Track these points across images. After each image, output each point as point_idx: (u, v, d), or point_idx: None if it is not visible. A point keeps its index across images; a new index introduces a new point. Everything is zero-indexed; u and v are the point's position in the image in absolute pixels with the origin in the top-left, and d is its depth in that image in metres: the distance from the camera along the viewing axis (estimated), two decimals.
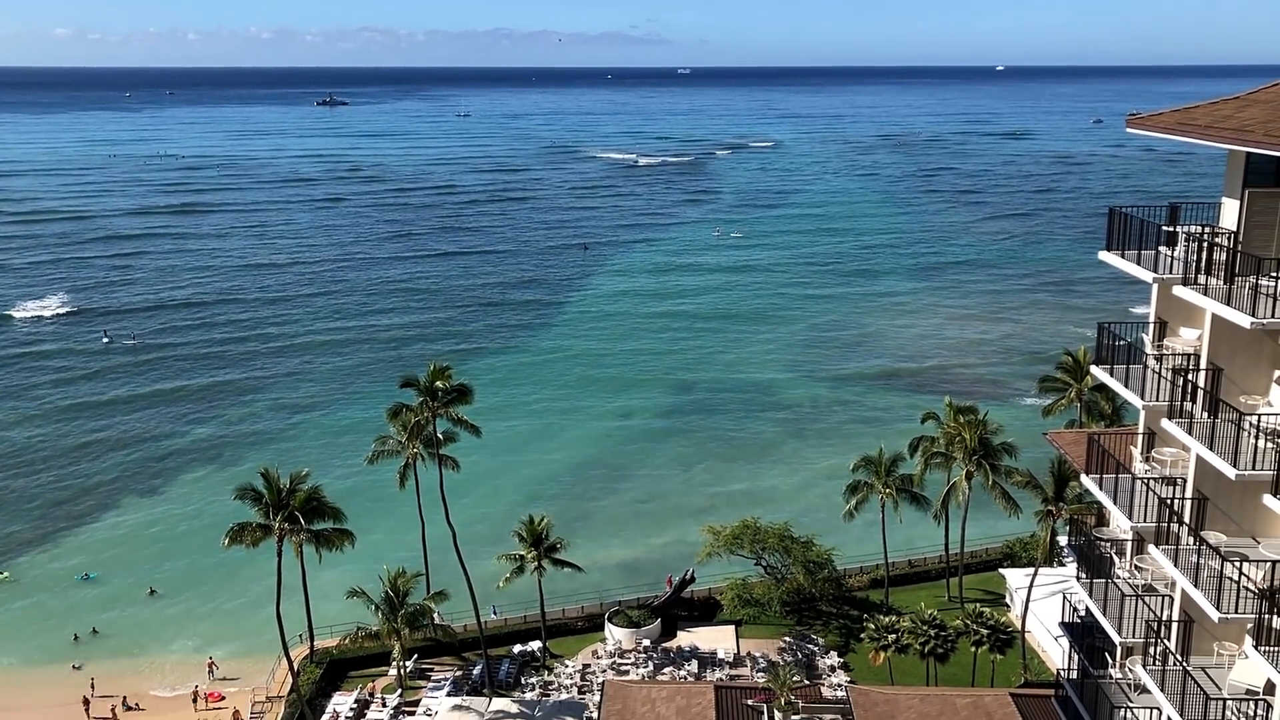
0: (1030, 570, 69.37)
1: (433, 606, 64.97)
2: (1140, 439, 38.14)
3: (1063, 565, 69.17)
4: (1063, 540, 58.29)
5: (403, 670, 67.19)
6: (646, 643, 70.83)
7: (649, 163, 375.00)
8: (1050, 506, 64.52)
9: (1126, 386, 35.67)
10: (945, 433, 71.89)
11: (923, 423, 76.28)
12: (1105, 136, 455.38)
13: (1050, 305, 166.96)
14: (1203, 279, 31.97)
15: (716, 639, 71.56)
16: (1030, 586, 66.87)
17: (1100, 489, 37.22)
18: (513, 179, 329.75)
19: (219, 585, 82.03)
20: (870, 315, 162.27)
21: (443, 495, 69.73)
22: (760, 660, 68.32)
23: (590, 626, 73.86)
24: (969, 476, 69.77)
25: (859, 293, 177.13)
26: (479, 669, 68.53)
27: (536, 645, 71.36)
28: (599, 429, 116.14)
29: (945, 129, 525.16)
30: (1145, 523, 34.88)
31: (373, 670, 69.30)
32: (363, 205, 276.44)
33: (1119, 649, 38.31)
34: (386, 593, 63.29)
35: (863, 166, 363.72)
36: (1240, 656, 32.36)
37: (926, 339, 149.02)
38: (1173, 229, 34.26)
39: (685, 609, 75.17)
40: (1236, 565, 29.88)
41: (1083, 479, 38.86)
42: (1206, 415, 32.18)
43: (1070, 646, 42.21)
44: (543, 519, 68.97)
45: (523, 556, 67.85)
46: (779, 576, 74.24)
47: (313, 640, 70.02)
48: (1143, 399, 34.66)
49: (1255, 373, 32.60)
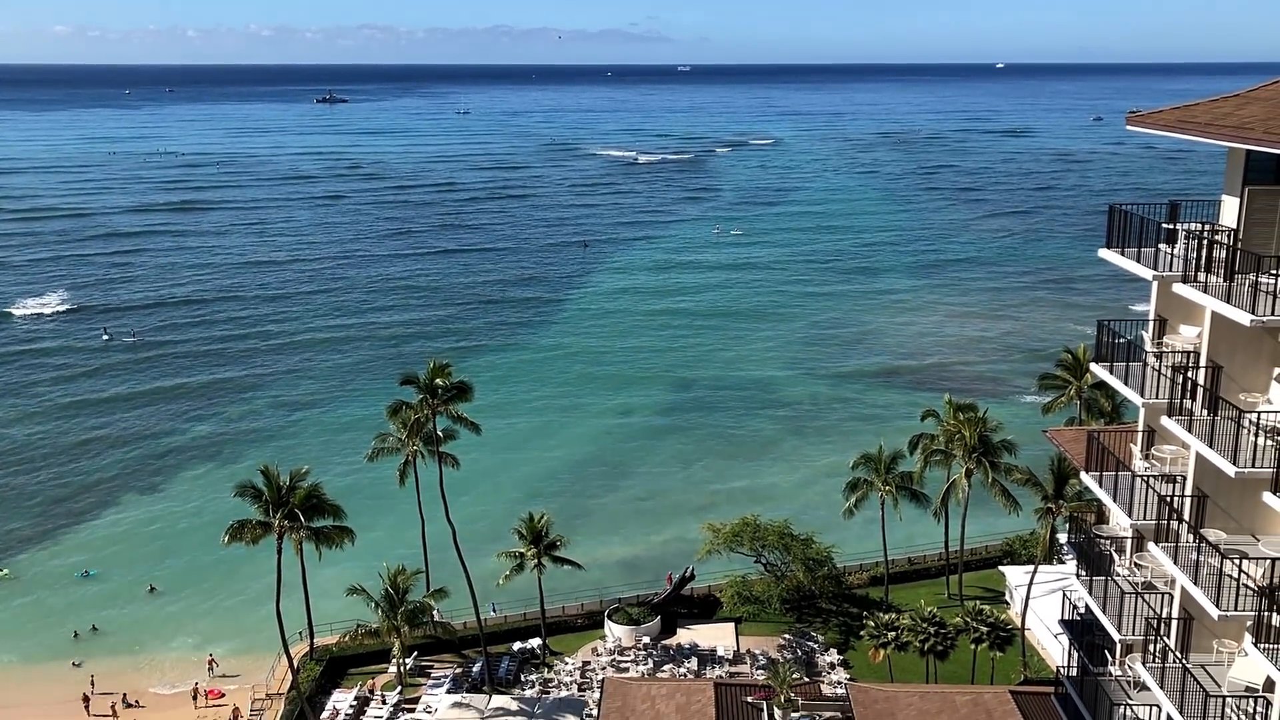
0: (1030, 568, 69.40)
1: (432, 604, 65.08)
2: (1140, 436, 38.15)
3: (1062, 563, 69.13)
4: (1062, 538, 58.25)
5: (402, 667, 67.22)
6: (646, 640, 70.87)
7: (649, 160, 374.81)
8: (1050, 504, 64.58)
9: (1126, 384, 35.66)
10: (945, 430, 71.99)
11: (922, 420, 76.36)
12: (1105, 134, 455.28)
13: (1050, 303, 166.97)
14: (1202, 276, 31.96)
15: (716, 636, 71.59)
16: (1030, 584, 66.91)
17: (1100, 486, 37.22)
18: (512, 176, 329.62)
19: (219, 583, 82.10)
20: (870, 313, 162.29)
21: (442, 492, 69.77)
22: (760, 658, 68.36)
23: (590, 624, 73.91)
24: (969, 474, 69.85)
25: (859, 290, 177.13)
26: (479, 666, 68.58)
27: (536, 643, 71.41)
28: (599, 426, 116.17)
29: (945, 126, 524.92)
30: (1145, 520, 34.88)
31: (372, 667, 69.41)
32: (362, 203, 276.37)
33: (1119, 646, 38.33)
34: (386, 590, 63.38)
35: (863, 164, 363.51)
36: (1240, 654, 32.38)
37: (926, 336, 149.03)
38: (1173, 226, 34.26)
39: (685, 606, 75.22)
40: (1236, 563, 29.90)
41: (1082, 476, 38.85)
42: (1206, 412, 32.18)
43: (1070, 644, 42.21)
44: (543, 516, 69.04)
45: (523, 554, 67.93)
46: (779, 574, 74.29)
47: (313, 637, 70.07)
48: (1142, 396, 34.67)
49: (1255, 370, 32.60)
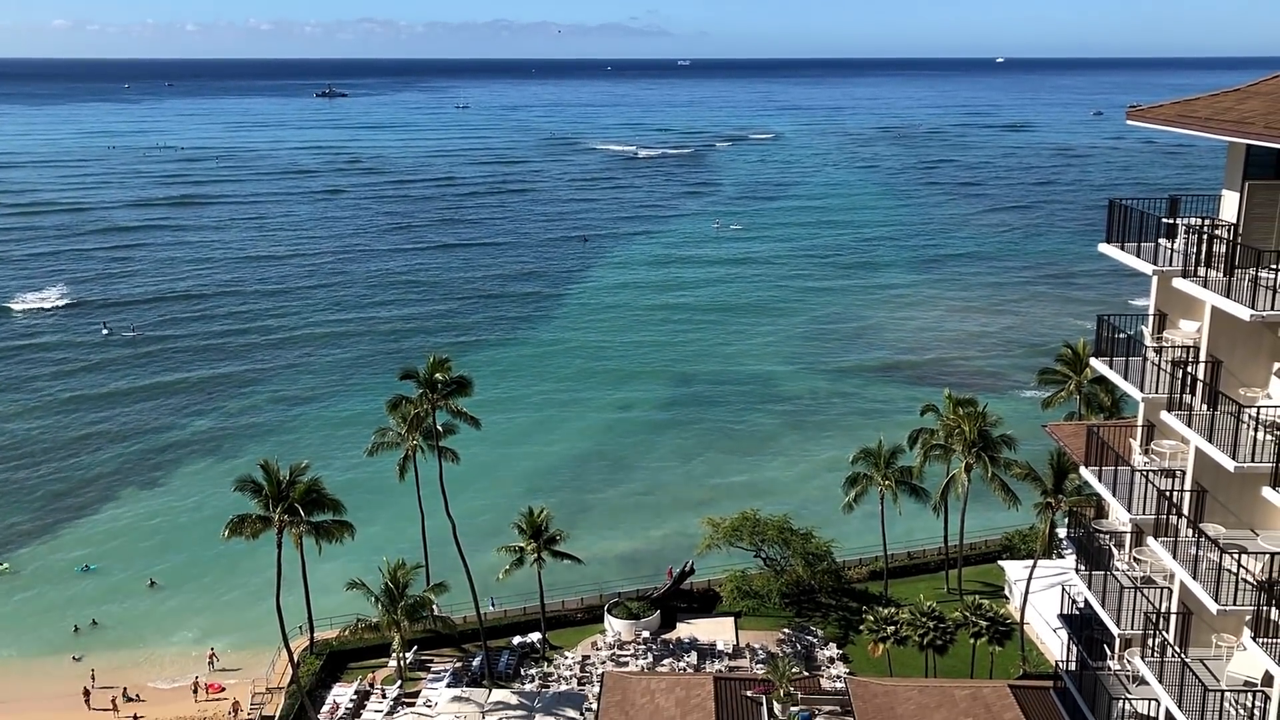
0: (1029, 562, 69.40)
1: (432, 598, 65.07)
2: (1139, 431, 38.18)
3: (1062, 557, 69.08)
4: (1062, 532, 58.35)
5: (402, 662, 67.26)
6: (646, 634, 70.97)
7: (649, 155, 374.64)
8: (1049, 499, 64.60)
9: (1126, 379, 35.70)
10: (945, 425, 72.02)
11: (922, 415, 76.38)
12: (1105, 129, 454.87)
13: (1050, 297, 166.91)
14: (1202, 271, 31.98)
15: (716, 631, 71.68)
16: (1029, 578, 66.94)
17: (1099, 481, 37.25)
18: (512, 171, 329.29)
19: (219, 577, 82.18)
20: (870, 308, 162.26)
21: (442, 487, 69.78)
22: (759, 652, 68.45)
23: (590, 618, 73.99)
24: (968, 469, 69.91)
25: (859, 285, 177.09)
26: (479, 660, 68.67)
27: (536, 637, 71.49)
28: (599, 421, 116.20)
29: (945, 121, 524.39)
30: (1144, 515, 34.93)
31: (372, 662, 69.50)
32: (362, 197, 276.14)
33: (1117, 641, 38.42)
34: (386, 584, 63.41)
35: (863, 159, 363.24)
36: (1238, 648, 32.44)
37: (926, 331, 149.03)
38: (1173, 221, 34.28)
39: (684, 601, 75.25)
40: (1235, 557, 29.93)
41: (1082, 471, 38.89)
42: (1206, 407, 32.22)
43: (1069, 638, 42.27)
44: (542, 511, 69.03)
45: (522, 548, 67.93)
46: (778, 568, 74.36)
47: (313, 632, 70.14)
48: (1142, 391, 34.70)
49: (1254, 365, 32.63)
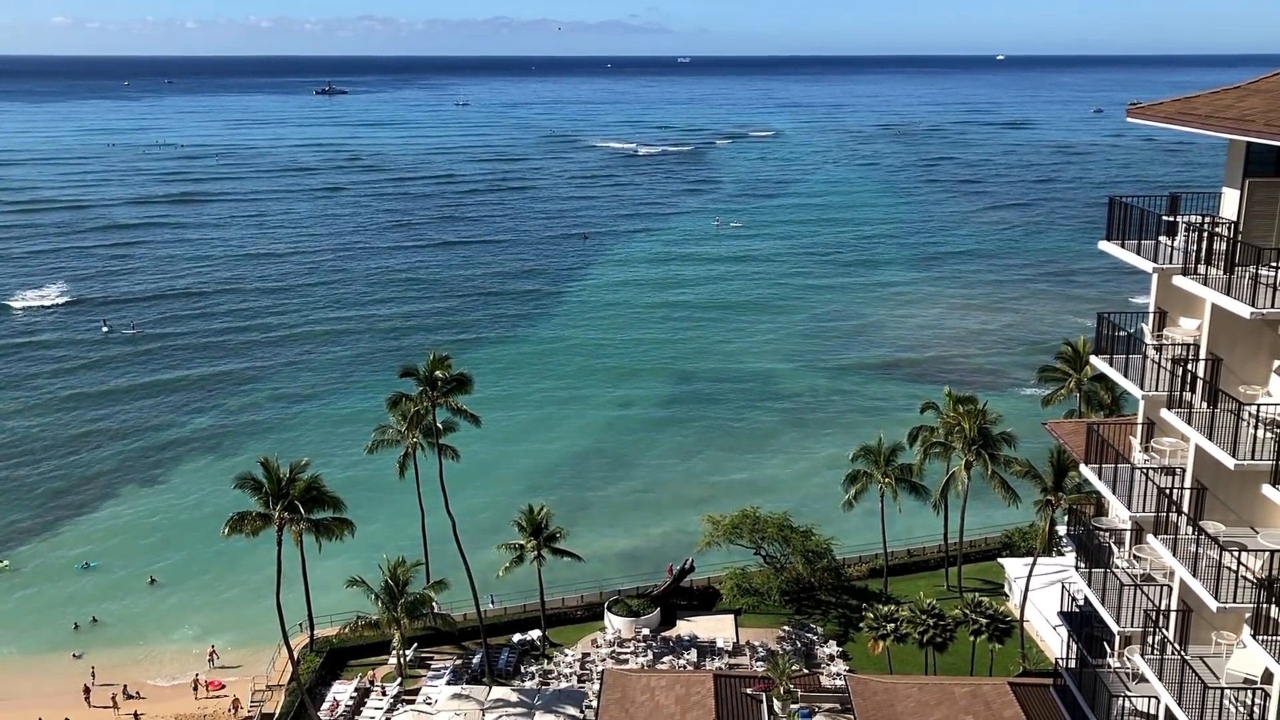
0: (1029, 560, 69.44)
1: (432, 595, 65.14)
2: (1140, 429, 38.17)
3: (1061, 555, 69.14)
4: (1061, 530, 58.40)
5: (402, 659, 67.34)
6: (646, 632, 70.98)
7: (649, 152, 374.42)
8: (1049, 496, 64.62)
9: (1126, 376, 35.70)
10: (945, 422, 72.01)
11: (922, 412, 76.39)
12: (1105, 126, 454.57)
13: (1050, 295, 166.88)
14: (1202, 269, 31.97)
15: (716, 628, 71.73)
16: (1029, 576, 66.97)
17: (1099, 479, 37.26)
18: (512, 168, 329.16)
19: (219, 574, 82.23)
20: (870, 305, 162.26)
21: (442, 485, 69.80)
22: (759, 649, 68.48)
23: (590, 615, 74.03)
24: (968, 466, 69.91)
25: (859, 283, 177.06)
26: (479, 658, 68.70)
27: (536, 634, 71.51)
28: (599, 419, 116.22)
29: (945, 118, 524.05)
30: (1144, 512, 34.92)
31: (373, 659, 69.54)
32: (362, 195, 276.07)
33: (1117, 638, 38.43)
34: (386, 582, 63.47)
35: (863, 156, 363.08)
36: (1238, 646, 32.45)
37: (926, 329, 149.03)
38: (1173, 219, 34.24)
39: (684, 598, 75.28)
40: (1235, 555, 29.93)
41: (1082, 469, 38.90)
42: (1206, 405, 32.21)
43: (1069, 636, 42.28)
44: (542, 508, 69.05)
45: (522, 546, 67.96)
46: (778, 566, 74.37)
47: (313, 629, 70.17)
48: (1142, 389, 34.70)
49: (1255, 363, 32.62)
